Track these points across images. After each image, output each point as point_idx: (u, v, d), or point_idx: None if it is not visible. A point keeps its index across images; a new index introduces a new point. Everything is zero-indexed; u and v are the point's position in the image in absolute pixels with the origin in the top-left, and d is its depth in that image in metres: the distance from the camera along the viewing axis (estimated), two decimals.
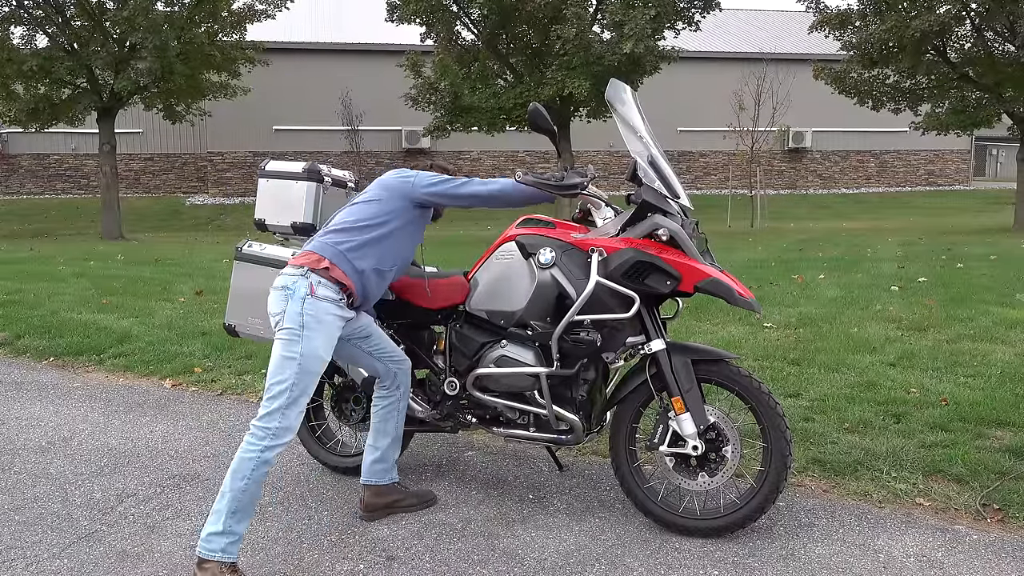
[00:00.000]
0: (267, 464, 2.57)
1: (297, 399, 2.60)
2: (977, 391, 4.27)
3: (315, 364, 2.64)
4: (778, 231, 17.52)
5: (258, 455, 2.55)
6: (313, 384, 2.66)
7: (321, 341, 2.65)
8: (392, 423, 3.09)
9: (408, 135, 25.24)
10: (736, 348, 5.30)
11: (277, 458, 2.63)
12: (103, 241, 17.06)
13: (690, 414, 2.80)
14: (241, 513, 2.56)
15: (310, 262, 2.73)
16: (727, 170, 26.76)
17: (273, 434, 2.56)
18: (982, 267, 8.95)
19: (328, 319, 2.69)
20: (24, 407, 4.58)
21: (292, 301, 2.66)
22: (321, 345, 2.65)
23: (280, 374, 2.60)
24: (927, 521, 2.98)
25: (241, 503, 2.54)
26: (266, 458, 2.56)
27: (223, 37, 18.34)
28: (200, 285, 8.52)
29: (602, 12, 16.66)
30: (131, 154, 25.36)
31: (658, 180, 2.85)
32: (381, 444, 3.08)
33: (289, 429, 2.60)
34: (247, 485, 2.54)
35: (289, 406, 2.59)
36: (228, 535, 2.53)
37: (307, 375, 2.62)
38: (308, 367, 2.62)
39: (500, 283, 3.08)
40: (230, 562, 2.54)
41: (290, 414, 2.59)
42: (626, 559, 2.74)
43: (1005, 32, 15.57)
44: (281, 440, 2.58)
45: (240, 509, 2.55)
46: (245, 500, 2.55)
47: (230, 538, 2.53)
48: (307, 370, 2.62)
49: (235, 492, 2.53)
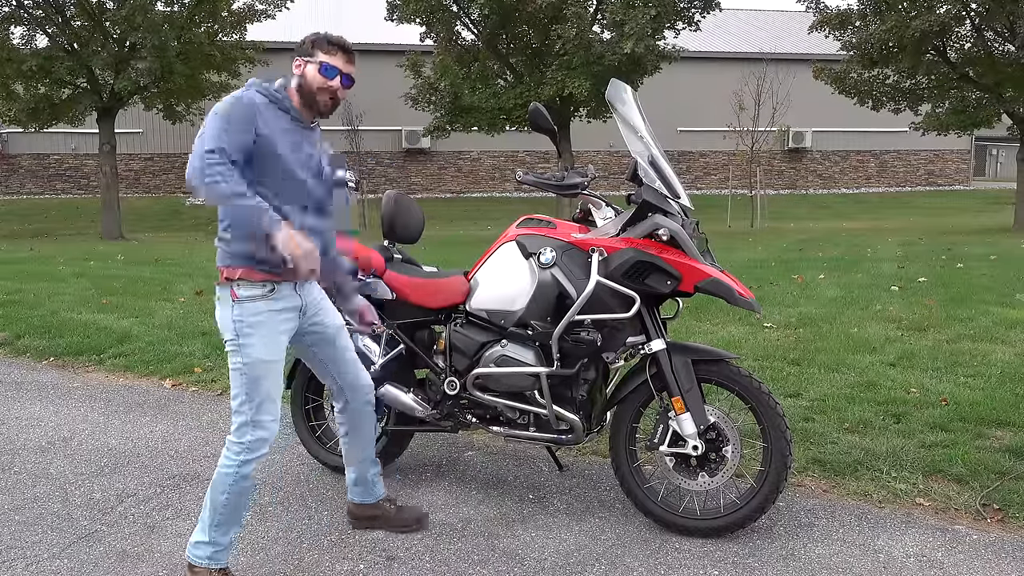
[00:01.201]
0: (246, 479, 2.48)
1: (260, 406, 2.46)
2: (977, 391, 4.27)
3: (260, 369, 2.45)
4: (778, 231, 17.52)
5: (236, 470, 2.47)
6: (271, 387, 2.48)
7: (260, 344, 2.45)
8: (356, 448, 2.91)
9: (408, 135, 25.26)
10: (736, 348, 5.30)
11: (258, 470, 2.53)
12: (103, 241, 17.07)
13: (690, 414, 2.80)
14: (225, 525, 2.51)
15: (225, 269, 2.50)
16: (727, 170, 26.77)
17: (248, 448, 2.47)
18: (982, 267, 8.95)
19: (262, 319, 2.46)
20: (24, 407, 4.58)
21: (223, 310, 2.49)
22: (261, 348, 2.45)
23: (234, 388, 2.49)
24: (927, 521, 2.98)
25: (223, 516, 2.50)
26: (244, 472, 2.47)
27: (223, 37, 18.35)
28: (200, 285, 8.52)
29: (602, 12, 16.67)
30: (131, 154, 25.36)
31: (658, 180, 2.85)
32: (353, 463, 2.94)
33: (263, 440, 2.48)
34: (227, 499, 2.48)
35: (255, 417, 2.47)
36: (213, 545, 2.51)
37: (257, 382, 2.46)
38: (254, 374, 2.45)
39: (500, 283, 3.08)
40: (218, 568, 2.52)
41: (260, 424, 2.47)
42: (626, 559, 2.74)
43: (1005, 32, 15.58)
44: (257, 452, 2.48)
45: (224, 522, 2.50)
46: (227, 513, 2.50)
47: (215, 547, 2.51)
48: (254, 377, 2.45)
49: (215, 506, 2.49)
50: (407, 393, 3.28)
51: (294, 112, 2.51)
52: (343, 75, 2.51)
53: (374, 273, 3.26)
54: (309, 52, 2.51)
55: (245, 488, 2.51)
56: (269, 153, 2.41)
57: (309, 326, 2.64)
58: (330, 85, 2.50)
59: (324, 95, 2.50)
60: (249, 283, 2.44)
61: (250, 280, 2.44)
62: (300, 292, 2.57)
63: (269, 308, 2.47)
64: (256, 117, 2.39)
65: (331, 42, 2.51)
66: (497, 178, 27.27)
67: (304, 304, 2.59)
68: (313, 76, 2.49)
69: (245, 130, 2.34)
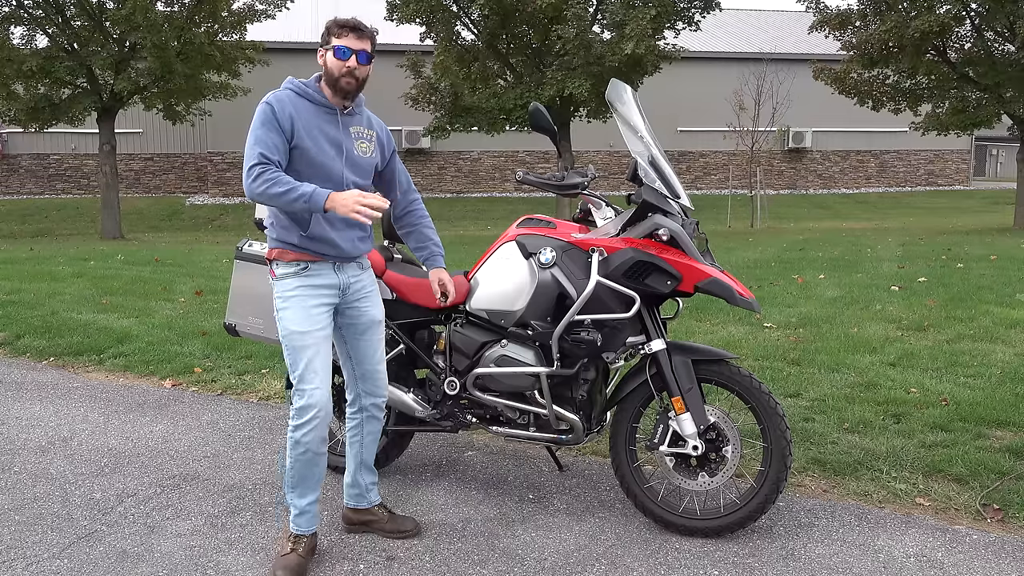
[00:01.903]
0: (299, 444, 2.63)
1: (303, 375, 2.61)
2: (977, 391, 4.27)
3: (297, 340, 2.62)
4: (778, 231, 17.52)
5: (290, 435, 2.65)
6: (313, 357, 2.61)
7: (293, 316, 2.63)
8: (356, 449, 2.97)
9: (408, 135, 25.26)
10: (736, 348, 5.30)
11: (314, 438, 2.62)
12: (103, 241, 17.05)
13: (690, 414, 2.81)
14: (299, 488, 2.71)
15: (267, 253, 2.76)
16: (727, 170, 26.77)
17: (297, 413, 2.63)
18: (982, 267, 8.95)
19: (296, 293, 2.64)
20: (24, 407, 4.58)
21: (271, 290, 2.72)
22: (294, 319, 2.63)
23: (286, 358, 2.67)
24: (927, 521, 2.98)
25: (295, 480, 2.70)
26: (296, 437, 2.63)
27: (223, 37, 18.32)
28: (200, 285, 8.52)
29: (602, 12, 16.67)
30: (131, 154, 25.35)
31: (658, 180, 2.85)
32: (351, 467, 2.99)
33: (308, 407, 2.60)
34: (292, 463, 2.68)
35: (299, 385, 2.63)
36: (292, 507, 2.73)
37: (296, 352, 2.62)
38: (292, 344, 2.63)
39: (500, 283, 3.08)
40: (299, 533, 2.71)
41: (303, 392, 2.61)
42: (626, 559, 2.74)
43: (1005, 32, 15.56)
44: (303, 418, 2.61)
45: (297, 485, 2.70)
46: (296, 478, 2.69)
47: (294, 510, 2.72)
48: (294, 347, 2.62)
49: (285, 470, 2.71)
50: (407, 393, 3.28)
51: (323, 101, 2.65)
52: (357, 53, 2.61)
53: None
54: (326, 40, 2.65)
55: (304, 457, 2.66)
56: (298, 146, 2.59)
57: (345, 308, 2.78)
58: (347, 66, 2.60)
59: (344, 77, 2.62)
60: (283, 263, 2.67)
61: (283, 260, 2.67)
62: (340, 272, 2.73)
63: (302, 284, 2.65)
64: (281, 116, 2.55)
65: (340, 24, 2.63)
66: (497, 178, 27.26)
67: (346, 285, 2.74)
68: (331, 62, 2.62)
69: (275, 130, 2.54)
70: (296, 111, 2.59)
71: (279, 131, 2.55)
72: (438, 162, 27.00)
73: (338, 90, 2.64)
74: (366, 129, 2.78)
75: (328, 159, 2.63)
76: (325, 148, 2.63)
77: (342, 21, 2.63)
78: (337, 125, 2.67)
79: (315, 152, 2.60)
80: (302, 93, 2.64)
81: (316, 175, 2.59)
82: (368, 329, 2.84)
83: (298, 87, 2.65)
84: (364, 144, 2.76)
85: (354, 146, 2.71)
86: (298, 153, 2.59)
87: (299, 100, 2.62)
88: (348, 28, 2.61)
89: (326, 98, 2.66)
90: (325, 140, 2.63)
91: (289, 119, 2.56)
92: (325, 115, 2.66)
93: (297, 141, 2.58)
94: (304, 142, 2.58)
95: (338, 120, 2.68)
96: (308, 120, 2.61)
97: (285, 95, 2.62)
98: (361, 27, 2.63)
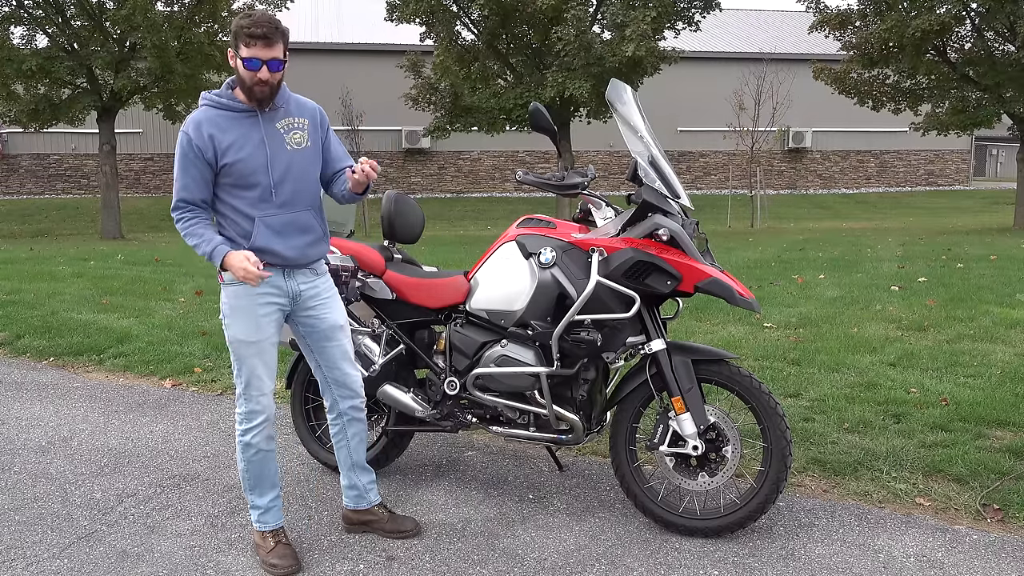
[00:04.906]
0: (249, 447, 2.70)
1: (249, 383, 2.67)
2: (977, 391, 4.27)
3: (243, 349, 2.66)
4: (778, 231, 17.52)
5: (240, 439, 2.73)
6: (258, 364, 2.66)
7: (240, 325, 2.65)
8: (344, 453, 2.95)
9: (408, 135, 25.26)
10: (736, 348, 5.30)
11: (261, 439, 2.70)
12: (103, 241, 17.05)
13: (690, 414, 2.80)
14: (260, 487, 2.77)
15: None
16: (727, 170, 26.78)
17: (244, 418, 2.70)
18: (982, 267, 8.95)
19: (242, 302, 2.64)
20: (24, 407, 4.58)
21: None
22: (241, 329, 2.65)
23: (232, 363, 2.73)
24: (927, 521, 2.98)
25: (252, 481, 2.76)
26: (246, 440, 2.70)
27: (223, 37, 18.33)
28: (200, 285, 8.52)
29: (602, 13, 16.67)
30: (131, 154, 25.35)
31: (658, 180, 2.85)
32: (344, 470, 2.99)
33: (256, 412, 2.68)
34: (245, 466, 2.75)
35: (245, 390, 2.68)
36: (254, 508, 2.79)
37: (242, 359, 2.66)
38: (238, 352, 2.67)
39: (500, 283, 3.08)
40: (268, 530, 2.77)
41: (250, 397, 2.67)
42: (626, 559, 2.74)
43: (1005, 32, 15.57)
44: (252, 423, 2.68)
45: (253, 486, 2.77)
46: (251, 478, 2.75)
47: (256, 510, 2.79)
48: (240, 355, 2.67)
49: (240, 472, 2.78)
50: (407, 393, 3.28)
51: (241, 107, 2.61)
52: (268, 63, 2.53)
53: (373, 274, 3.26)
54: (235, 46, 2.57)
55: (256, 457, 2.73)
56: (226, 163, 2.56)
57: (303, 315, 2.78)
58: (258, 76, 2.55)
59: (257, 85, 2.56)
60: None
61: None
62: (289, 280, 2.71)
63: (248, 293, 2.64)
64: (200, 144, 2.54)
65: (249, 34, 2.52)
66: (497, 178, 27.27)
67: (296, 292, 2.72)
68: (243, 72, 2.56)
69: (192, 164, 2.56)
70: (217, 128, 2.55)
71: (198, 162, 2.54)
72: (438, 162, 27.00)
73: (253, 97, 2.58)
74: (296, 118, 2.69)
75: (259, 168, 2.58)
76: (255, 156, 2.58)
77: (247, 28, 2.51)
78: (260, 127, 2.61)
79: (242, 166, 2.56)
80: (218, 105, 2.60)
81: (247, 189, 2.58)
82: (331, 335, 2.80)
83: (213, 100, 2.61)
84: (298, 134, 2.67)
85: (285, 141, 2.64)
86: (227, 170, 2.57)
87: (217, 114, 2.58)
88: (256, 38, 2.50)
89: (243, 103, 2.60)
90: (252, 146, 2.58)
91: (209, 141, 2.53)
92: (247, 120, 2.60)
93: (224, 160, 2.55)
94: (229, 157, 2.55)
95: (260, 122, 2.61)
96: (230, 132, 2.57)
97: (202, 115, 2.59)
98: (269, 35, 2.51)
